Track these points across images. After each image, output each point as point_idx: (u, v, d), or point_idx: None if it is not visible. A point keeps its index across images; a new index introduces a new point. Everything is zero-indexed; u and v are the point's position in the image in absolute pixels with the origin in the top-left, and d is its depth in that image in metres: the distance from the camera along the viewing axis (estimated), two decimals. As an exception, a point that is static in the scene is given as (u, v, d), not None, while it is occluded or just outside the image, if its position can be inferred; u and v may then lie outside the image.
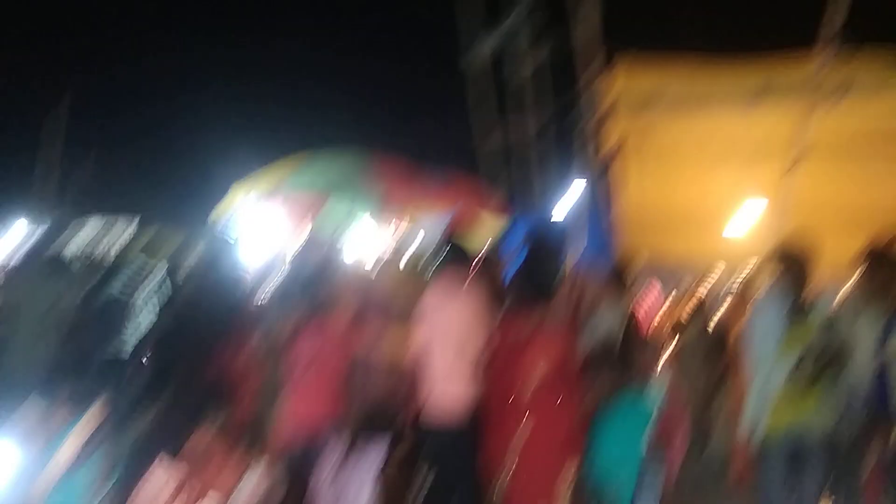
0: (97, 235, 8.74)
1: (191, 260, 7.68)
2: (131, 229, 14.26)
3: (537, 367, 3.40)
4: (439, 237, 8.08)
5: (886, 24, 5.62)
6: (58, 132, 13.57)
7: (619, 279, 4.74)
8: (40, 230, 6.44)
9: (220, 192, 7.61)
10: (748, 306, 5.42)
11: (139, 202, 16.90)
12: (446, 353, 3.68)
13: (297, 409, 3.82)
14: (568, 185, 7.01)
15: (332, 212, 7.11)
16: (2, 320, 5.43)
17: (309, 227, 6.54)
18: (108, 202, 16.09)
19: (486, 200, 8.45)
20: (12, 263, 7.61)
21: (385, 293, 5.76)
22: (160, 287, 6.94)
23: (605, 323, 4.28)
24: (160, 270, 7.22)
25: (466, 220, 7.69)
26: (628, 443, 3.10)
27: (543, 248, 4.50)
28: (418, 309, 3.97)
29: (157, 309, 6.22)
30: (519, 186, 7.94)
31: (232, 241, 6.42)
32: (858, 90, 4.91)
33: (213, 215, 7.67)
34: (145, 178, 18.42)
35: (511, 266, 4.96)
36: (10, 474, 3.29)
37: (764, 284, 5.30)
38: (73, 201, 14.68)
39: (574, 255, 5.71)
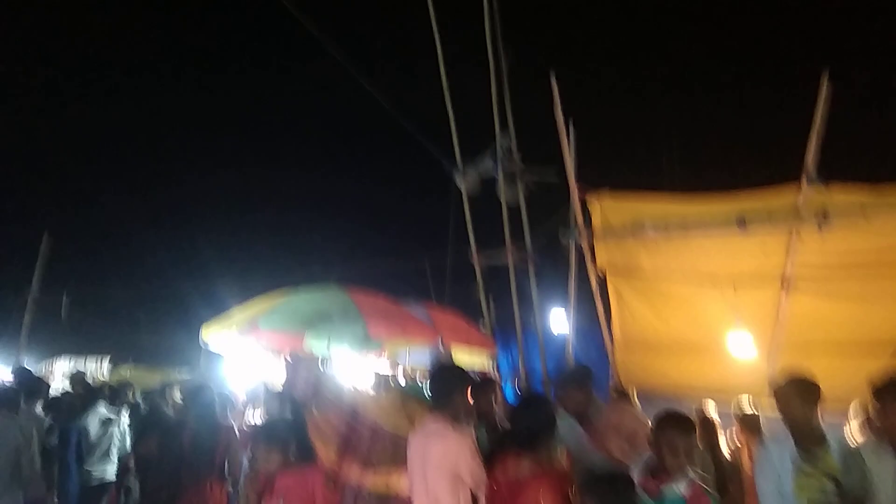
0: (69, 373, 8.49)
1: (168, 395, 7.50)
2: (103, 368, 13.88)
3: None
4: (429, 367, 8.02)
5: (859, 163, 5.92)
6: (38, 274, 13.52)
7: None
8: (12, 369, 6.25)
9: (194, 332, 7.46)
10: (750, 438, 5.25)
11: (111, 343, 16.64)
12: (442, 485, 3.47)
13: None
14: (558, 308, 7.01)
15: (313, 347, 6.96)
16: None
17: (289, 362, 6.35)
18: (79, 342, 15.83)
19: (470, 333, 8.38)
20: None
21: (373, 425, 5.55)
22: (132, 422, 6.72)
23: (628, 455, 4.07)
24: (132, 406, 6.98)
25: (452, 350, 7.62)
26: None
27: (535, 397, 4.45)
28: (409, 440, 3.78)
29: (133, 442, 6.07)
30: (513, 305, 7.94)
31: (211, 377, 6.27)
32: (838, 218, 5.03)
33: (197, 345, 7.50)
34: (117, 319, 18.22)
35: (504, 396, 4.85)
36: None
37: (766, 417, 5.18)
38: (47, 341, 14.42)
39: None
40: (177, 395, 8.28)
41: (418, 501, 3.64)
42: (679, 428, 3.09)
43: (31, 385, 6.37)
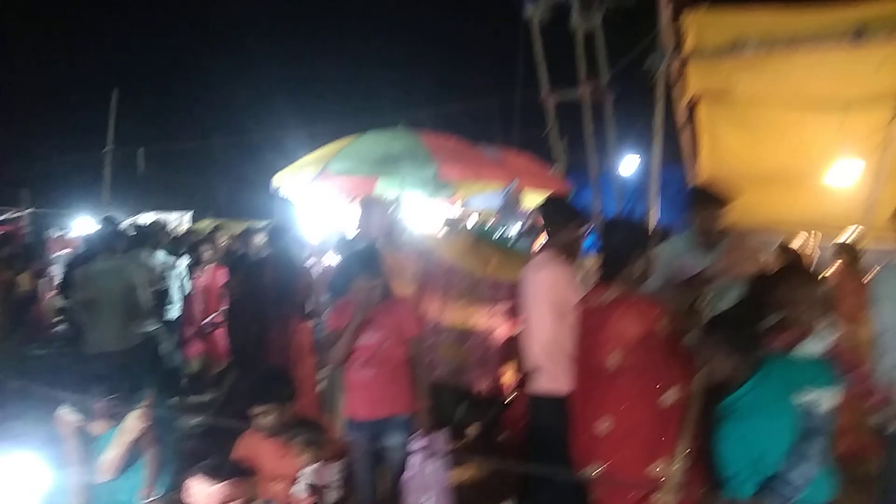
0: (154, 226, 8.78)
1: (249, 244, 7.72)
2: (186, 222, 14.43)
3: (626, 336, 2.99)
4: (505, 208, 7.85)
5: None
6: (111, 131, 13.81)
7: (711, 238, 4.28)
8: (103, 225, 6.44)
9: (268, 181, 7.44)
10: (852, 271, 4.93)
11: (192, 198, 17.25)
12: (545, 319, 3.37)
13: (361, 395, 3.45)
14: (640, 142, 6.59)
15: (384, 190, 6.85)
16: (79, 309, 5.44)
17: (361, 206, 6.28)
18: (162, 199, 16.46)
19: (544, 176, 8.09)
20: (79, 255, 7.75)
21: (448, 266, 5.52)
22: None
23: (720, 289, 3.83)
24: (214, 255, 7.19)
25: (527, 191, 7.39)
26: (772, 419, 2.61)
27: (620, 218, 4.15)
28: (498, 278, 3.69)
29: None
30: (586, 145, 7.55)
31: (288, 224, 6.30)
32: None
33: (271, 195, 7.57)
34: (195, 174, 18.70)
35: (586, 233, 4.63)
36: (52, 482, 3.11)
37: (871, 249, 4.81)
38: (131, 198, 15.01)
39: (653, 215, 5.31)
40: (257, 240, 8.55)
41: (528, 331, 3.57)
42: (797, 279, 2.84)
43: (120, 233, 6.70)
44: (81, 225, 13.41)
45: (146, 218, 13.56)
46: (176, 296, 6.95)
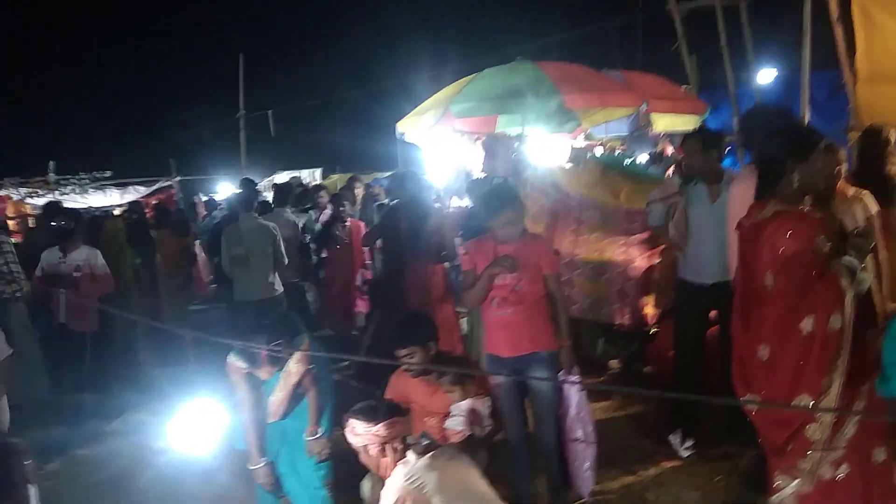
0: (290, 184, 9.22)
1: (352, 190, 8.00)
2: (316, 177, 15.03)
3: (779, 254, 2.77)
4: (633, 134, 7.50)
5: None
6: (241, 96, 14.48)
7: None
8: (242, 187, 6.90)
9: (392, 130, 7.52)
10: None
11: (321, 154, 17.90)
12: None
13: (501, 333, 3.45)
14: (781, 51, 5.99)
15: (507, 127, 6.73)
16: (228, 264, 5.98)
17: (485, 145, 6.21)
18: (294, 157, 17.22)
19: (675, 95, 7.62)
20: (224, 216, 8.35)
21: (578, 199, 5.38)
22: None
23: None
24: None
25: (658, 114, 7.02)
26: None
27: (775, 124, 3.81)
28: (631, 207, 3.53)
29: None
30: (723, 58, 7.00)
31: (415, 169, 6.38)
32: None
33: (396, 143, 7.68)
34: (322, 131, 19.33)
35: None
36: (218, 427, 3.37)
37: None
38: (266, 159, 15.82)
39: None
40: (359, 192, 8.81)
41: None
42: None
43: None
44: (224, 188, 14.30)
45: (281, 177, 14.28)
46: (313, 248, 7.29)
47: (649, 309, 5.29)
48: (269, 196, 8.97)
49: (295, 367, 3.41)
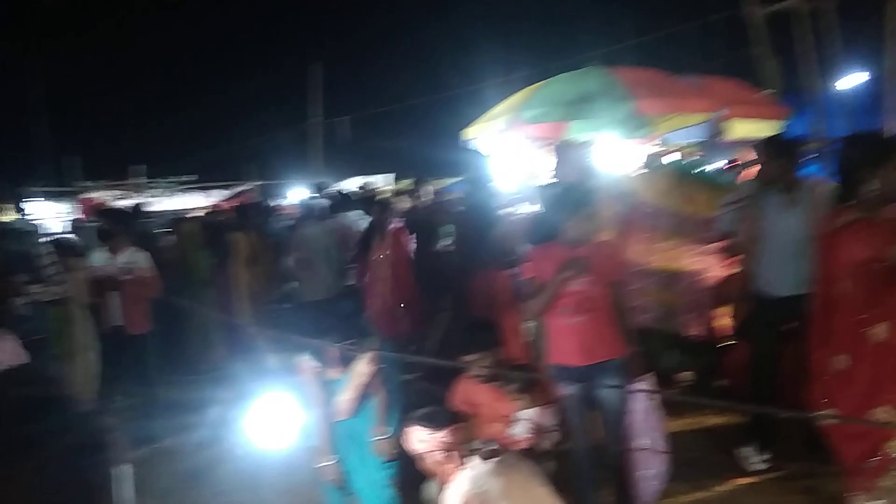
0: (360, 189, 9.42)
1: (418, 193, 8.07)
2: (389, 182, 15.26)
3: (851, 261, 2.66)
4: (708, 141, 7.30)
5: None
6: (317, 103, 14.88)
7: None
8: (313, 192, 7.15)
9: (460, 138, 7.57)
10: None
11: (395, 160, 18.19)
12: None
13: (571, 341, 3.38)
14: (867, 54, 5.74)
15: (578, 133, 6.66)
16: (300, 267, 6.32)
17: (556, 152, 6.17)
18: (368, 163, 17.56)
19: (756, 100, 7.36)
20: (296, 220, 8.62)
21: (650, 207, 5.29)
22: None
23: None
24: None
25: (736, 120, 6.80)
26: None
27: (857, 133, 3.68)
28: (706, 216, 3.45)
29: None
30: (805, 62, 6.75)
31: (483, 176, 6.39)
32: None
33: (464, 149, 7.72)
34: (396, 136, 19.62)
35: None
36: (293, 423, 3.47)
37: None
38: (341, 164, 16.19)
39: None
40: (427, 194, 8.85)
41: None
42: None
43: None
44: (296, 193, 14.70)
45: (353, 183, 14.59)
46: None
47: (725, 321, 5.13)
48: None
49: (364, 367, 3.49)
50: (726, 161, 8.59)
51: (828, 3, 6.88)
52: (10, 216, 11.70)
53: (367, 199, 8.69)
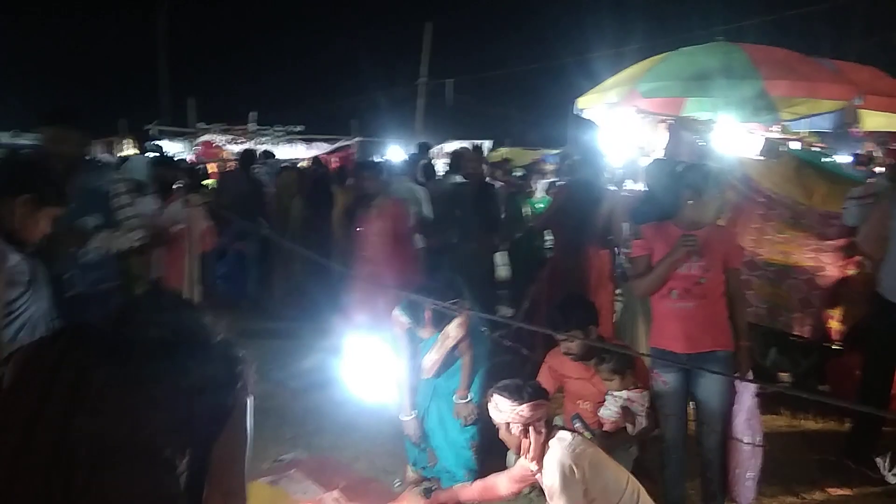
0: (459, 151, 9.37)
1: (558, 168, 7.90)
2: (485, 149, 15.17)
3: None
4: (837, 130, 6.81)
5: None
6: (424, 63, 14.88)
7: None
8: (418, 150, 7.15)
9: (566, 108, 7.36)
10: None
11: (493, 126, 18.04)
12: None
13: (677, 327, 3.19)
14: None
15: (696, 111, 6.34)
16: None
17: (671, 128, 5.90)
18: (466, 127, 17.50)
19: (893, 92, 6.78)
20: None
21: (767, 195, 5.00)
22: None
23: None
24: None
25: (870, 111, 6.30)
26: None
27: None
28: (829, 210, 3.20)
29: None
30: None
31: (591, 150, 6.21)
32: None
33: (570, 121, 7.53)
34: (497, 103, 19.42)
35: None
36: (384, 374, 3.51)
37: None
38: (438, 128, 16.20)
39: None
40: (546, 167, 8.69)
41: None
42: None
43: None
44: (393, 152, 14.83)
45: (452, 146, 14.57)
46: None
47: (835, 323, 4.81)
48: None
49: (454, 330, 3.49)
50: (853, 154, 8.01)
51: None
52: (131, 151, 12.38)
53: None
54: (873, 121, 6.75)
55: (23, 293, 2.29)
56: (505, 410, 2.78)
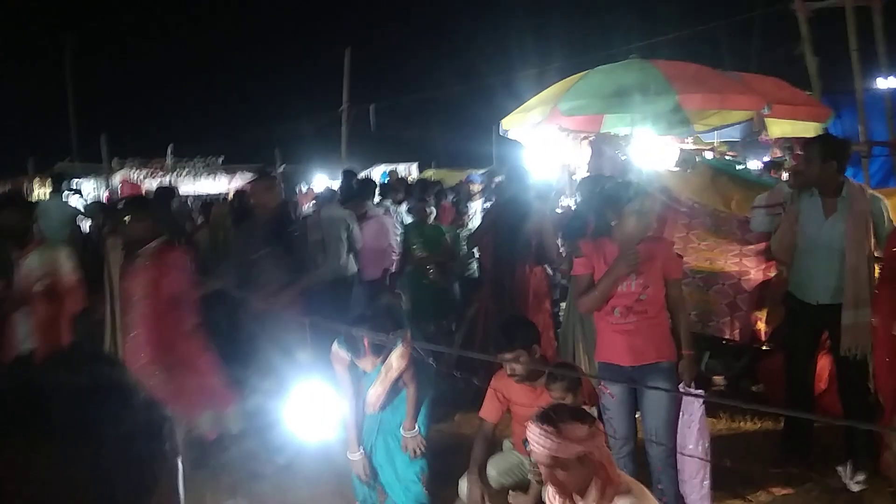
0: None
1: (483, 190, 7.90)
2: (412, 172, 15.21)
3: None
4: (746, 139, 7.12)
5: None
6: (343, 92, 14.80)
7: None
8: (343, 178, 7.06)
9: (491, 128, 7.45)
10: None
11: (417, 149, 18.14)
12: None
13: (622, 341, 3.23)
14: None
15: (615, 127, 6.53)
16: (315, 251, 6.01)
17: (593, 145, 6.04)
18: (391, 151, 17.50)
19: (797, 99, 7.18)
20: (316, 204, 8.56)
21: (688, 204, 5.16)
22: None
23: None
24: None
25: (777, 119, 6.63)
26: None
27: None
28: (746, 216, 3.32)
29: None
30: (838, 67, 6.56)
31: (519, 170, 6.28)
32: None
33: (495, 141, 7.61)
34: (419, 126, 19.54)
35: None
36: (326, 413, 3.39)
37: None
38: (364, 152, 16.12)
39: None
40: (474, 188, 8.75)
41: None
42: None
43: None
44: (318, 180, 14.67)
45: (378, 170, 14.51)
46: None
47: (762, 324, 4.99)
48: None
49: (396, 361, 3.41)
50: (763, 161, 8.42)
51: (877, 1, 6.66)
52: (43, 193, 11.72)
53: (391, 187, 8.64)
54: (779, 128, 7.12)
55: None
56: (578, 436, 2.17)
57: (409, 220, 7.14)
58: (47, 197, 10.38)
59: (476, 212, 8.33)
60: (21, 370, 1.07)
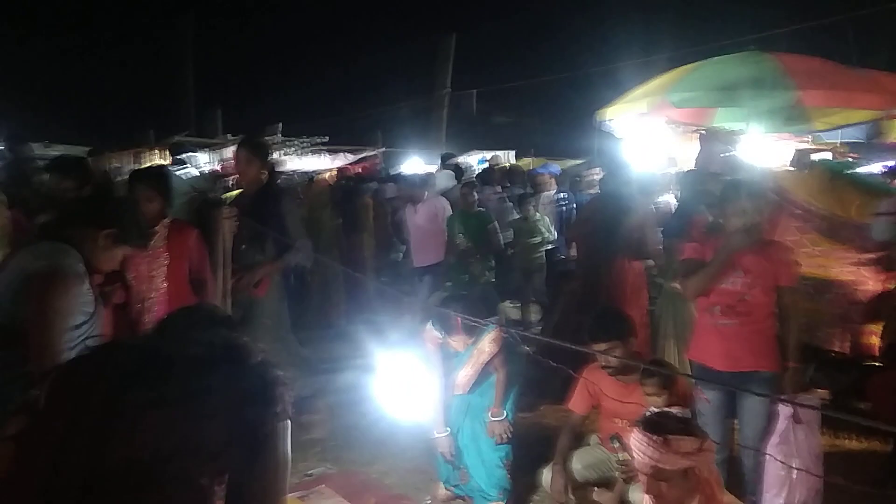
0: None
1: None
2: (510, 159, 15.12)
3: None
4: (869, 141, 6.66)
5: None
6: (445, 78, 14.90)
7: None
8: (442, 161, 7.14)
9: (592, 118, 7.27)
10: None
11: (517, 137, 17.98)
12: None
13: (719, 344, 3.10)
14: None
15: (727, 121, 6.25)
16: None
17: (702, 138, 5.81)
18: (490, 138, 17.46)
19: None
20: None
21: (802, 207, 4.89)
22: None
23: None
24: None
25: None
26: None
27: None
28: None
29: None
30: None
31: (619, 161, 6.13)
32: None
33: (594, 132, 7.45)
34: (521, 115, 19.39)
35: None
36: (416, 388, 3.44)
37: None
38: (463, 138, 16.18)
39: None
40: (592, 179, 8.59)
41: None
42: None
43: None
44: (414, 163, 14.83)
45: (475, 157, 14.51)
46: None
47: (875, 339, 4.67)
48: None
49: (489, 345, 3.43)
50: (885, 166, 7.86)
51: None
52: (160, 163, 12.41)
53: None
54: (909, 130, 6.61)
55: (84, 322, 2.27)
56: (686, 451, 2.08)
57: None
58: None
59: (547, 203, 8.15)
60: (151, 339, 1.16)
